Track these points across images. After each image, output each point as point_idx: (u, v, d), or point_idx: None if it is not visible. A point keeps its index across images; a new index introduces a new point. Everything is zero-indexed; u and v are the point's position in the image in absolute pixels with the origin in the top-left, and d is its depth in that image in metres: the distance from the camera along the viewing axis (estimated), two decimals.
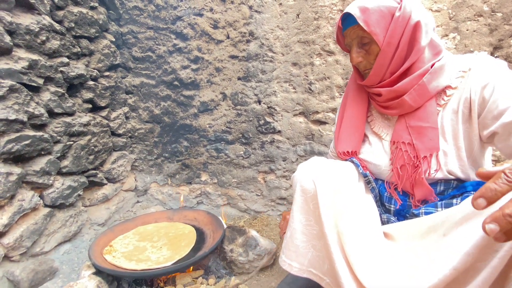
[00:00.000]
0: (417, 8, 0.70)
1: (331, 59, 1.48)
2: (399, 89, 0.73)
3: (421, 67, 0.71)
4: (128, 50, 1.73)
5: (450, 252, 0.51)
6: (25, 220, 1.13)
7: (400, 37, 0.70)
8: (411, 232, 0.66)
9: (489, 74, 0.66)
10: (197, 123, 1.74)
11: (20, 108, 1.08)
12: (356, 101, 0.87)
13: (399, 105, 0.75)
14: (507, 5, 1.21)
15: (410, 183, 0.74)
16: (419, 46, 0.70)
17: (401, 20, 0.69)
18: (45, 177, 1.20)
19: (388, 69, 0.74)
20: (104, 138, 1.57)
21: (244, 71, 1.62)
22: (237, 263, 1.22)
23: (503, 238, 0.32)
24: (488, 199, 0.32)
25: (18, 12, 1.11)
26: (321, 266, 0.74)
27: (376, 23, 0.70)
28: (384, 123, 0.84)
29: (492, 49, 1.27)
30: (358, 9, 0.71)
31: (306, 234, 0.75)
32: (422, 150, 0.71)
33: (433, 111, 0.72)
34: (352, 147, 0.85)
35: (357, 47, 0.77)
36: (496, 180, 0.32)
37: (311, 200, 0.73)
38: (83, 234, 1.42)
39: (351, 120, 0.87)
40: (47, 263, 1.16)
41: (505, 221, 0.30)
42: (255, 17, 1.54)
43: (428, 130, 0.71)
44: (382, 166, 0.82)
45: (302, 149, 1.60)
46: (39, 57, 1.17)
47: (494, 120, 0.63)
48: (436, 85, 0.71)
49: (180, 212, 1.54)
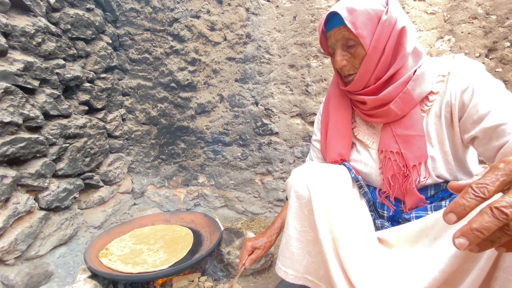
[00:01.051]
0: (401, 14, 0.70)
1: (328, 61, 1.48)
2: (384, 98, 0.71)
3: (404, 73, 0.70)
4: (125, 52, 1.73)
5: (439, 255, 0.52)
6: (20, 223, 1.12)
7: (386, 41, 0.68)
8: (404, 237, 0.66)
9: (468, 77, 0.65)
10: (194, 125, 1.74)
11: (15, 111, 1.07)
12: (339, 109, 0.84)
13: (385, 114, 0.73)
14: (501, 7, 1.22)
15: (401, 192, 0.73)
16: (404, 52, 0.69)
17: (388, 25, 0.67)
18: (40, 180, 1.19)
19: (373, 74, 0.72)
20: (100, 140, 1.56)
21: (241, 73, 1.62)
22: (234, 266, 1.21)
23: (476, 249, 0.33)
24: (458, 214, 0.32)
25: (14, 14, 1.11)
26: (317, 272, 0.73)
27: (363, 25, 0.68)
28: (369, 131, 0.82)
29: (487, 51, 1.28)
30: (345, 9, 0.68)
31: (301, 241, 0.74)
32: (411, 159, 0.70)
33: (418, 118, 0.70)
34: (341, 155, 0.83)
35: (341, 50, 0.74)
36: (464, 195, 0.32)
37: (305, 206, 0.72)
38: (79, 237, 1.41)
39: (337, 128, 0.84)
40: (42, 267, 1.15)
41: (473, 235, 0.31)
42: (252, 19, 1.54)
43: (415, 138, 0.70)
44: (373, 176, 0.80)
45: (300, 150, 1.60)
46: (35, 59, 1.16)
47: (474, 125, 0.63)
48: (420, 92, 0.70)
49: (177, 215, 1.53)
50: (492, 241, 0.32)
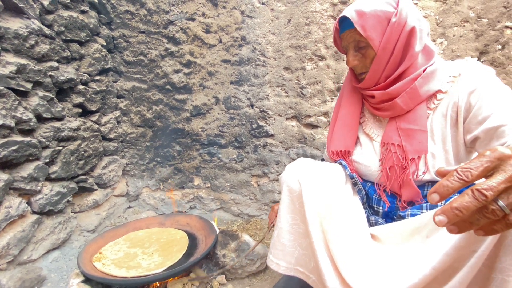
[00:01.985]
0: (412, 13, 0.71)
1: (322, 64, 1.49)
2: (392, 92, 0.75)
3: (413, 72, 0.73)
4: (120, 54, 1.72)
5: (431, 252, 0.54)
6: (12, 227, 1.11)
7: (395, 42, 0.71)
8: (397, 234, 0.68)
9: (476, 80, 0.67)
10: (189, 127, 1.73)
11: (7, 113, 1.06)
12: (350, 102, 0.88)
13: (391, 107, 0.76)
14: (492, 11, 1.24)
15: (398, 184, 0.76)
16: (412, 52, 0.71)
17: (397, 26, 0.69)
18: (33, 183, 1.18)
19: (383, 73, 0.76)
20: (94, 143, 1.55)
21: (237, 75, 1.62)
22: (229, 269, 1.21)
23: (455, 230, 0.35)
24: (441, 194, 0.34)
25: (7, 17, 1.10)
26: (307, 264, 0.76)
27: (372, 28, 0.70)
28: (376, 125, 0.86)
29: (479, 54, 1.30)
30: (355, 13, 0.71)
31: (293, 233, 0.77)
32: (410, 152, 0.73)
33: (423, 114, 0.73)
34: (345, 146, 0.86)
35: (353, 50, 0.78)
36: (449, 178, 0.34)
37: (297, 199, 0.75)
38: (73, 241, 1.40)
39: (345, 119, 0.88)
40: (35, 272, 1.13)
41: (452, 213, 0.33)
42: (247, 22, 1.55)
43: (417, 132, 0.73)
44: (372, 167, 0.83)
45: (295, 152, 1.60)
46: (28, 61, 1.15)
47: (477, 125, 0.65)
48: (427, 89, 0.72)
49: (172, 217, 1.52)
50: (471, 223, 0.34)
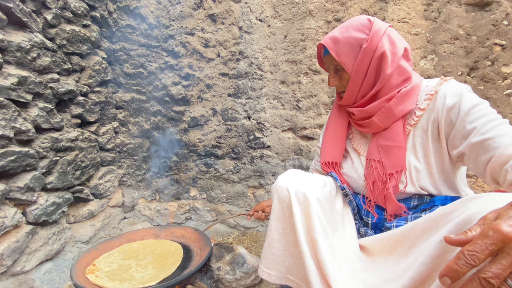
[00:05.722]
0: (385, 38, 0.76)
1: (317, 78, 1.53)
2: (368, 110, 0.80)
3: (388, 93, 0.78)
4: (120, 66, 1.76)
5: (410, 263, 0.56)
6: (6, 237, 1.10)
7: (368, 65, 0.77)
8: (383, 246, 0.70)
9: (454, 97, 0.71)
10: (187, 138, 1.75)
11: (7, 124, 1.08)
12: (337, 117, 0.94)
13: (369, 125, 0.82)
14: (481, 28, 1.29)
15: (381, 198, 0.79)
16: (384, 75, 0.76)
17: (368, 51, 0.76)
18: (29, 194, 1.18)
19: (359, 93, 0.82)
20: (91, 153, 1.56)
21: (234, 88, 1.65)
22: (224, 282, 1.20)
23: None
24: (451, 278, 0.38)
25: (10, 30, 1.13)
26: (298, 272, 0.77)
27: (345, 54, 0.78)
28: (362, 140, 0.91)
29: (469, 70, 1.34)
30: (330, 40, 0.80)
31: (283, 243, 0.78)
32: (388, 167, 0.77)
33: (399, 131, 0.77)
34: (333, 157, 0.91)
35: (333, 72, 0.86)
36: (457, 261, 0.37)
37: (286, 209, 0.77)
38: (66, 252, 1.38)
39: (333, 133, 0.93)
40: (28, 283, 1.12)
41: None
42: (244, 38, 1.59)
43: (394, 149, 0.77)
44: (360, 181, 0.86)
45: (291, 164, 1.62)
46: (29, 73, 1.18)
47: (462, 140, 0.68)
48: (402, 109, 0.77)
49: (168, 229, 1.52)
50: None
